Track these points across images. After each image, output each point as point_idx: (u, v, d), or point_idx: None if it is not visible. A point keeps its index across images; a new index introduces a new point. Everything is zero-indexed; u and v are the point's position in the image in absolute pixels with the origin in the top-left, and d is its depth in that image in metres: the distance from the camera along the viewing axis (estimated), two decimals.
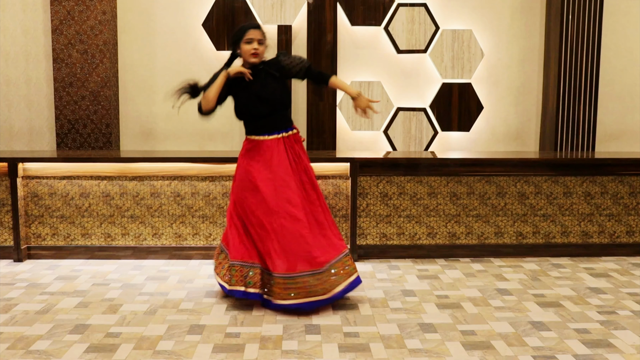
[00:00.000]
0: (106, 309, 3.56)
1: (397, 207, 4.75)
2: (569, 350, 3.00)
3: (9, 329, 3.24)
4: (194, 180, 4.66)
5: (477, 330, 3.25)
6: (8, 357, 2.87)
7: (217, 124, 6.35)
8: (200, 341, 3.09)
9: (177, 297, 3.80)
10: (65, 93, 5.92)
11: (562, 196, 4.82)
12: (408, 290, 3.96)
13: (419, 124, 6.43)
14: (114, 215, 4.68)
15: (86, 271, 4.36)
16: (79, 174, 4.62)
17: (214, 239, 4.72)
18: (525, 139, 6.55)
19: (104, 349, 2.98)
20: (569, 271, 4.43)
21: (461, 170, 4.74)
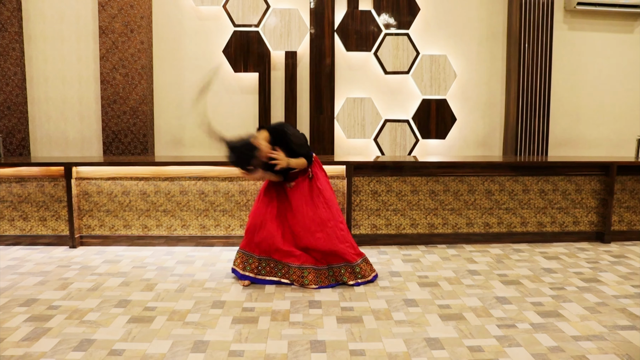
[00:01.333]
0: (144, 287, 3.57)
1: (385, 203, 4.75)
2: (526, 320, 3.00)
3: (66, 302, 3.25)
4: (215, 180, 4.66)
5: (452, 305, 3.26)
6: (66, 325, 2.89)
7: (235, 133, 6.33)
8: (222, 314, 3.10)
9: (202, 277, 3.82)
10: (110, 109, 5.93)
11: (521, 193, 4.81)
12: (394, 271, 3.97)
13: (403, 133, 6.43)
14: (149, 210, 4.68)
15: (127, 256, 4.37)
16: (121, 175, 4.63)
17: (232, 229, 4.72)
18: (491, 145, 6.55)
19: (142, 320, 2.99)
20: (527, 255, 4.43)
21: (438, 171, 4.74)
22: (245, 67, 6.16)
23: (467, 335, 2.79)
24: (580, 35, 6.42)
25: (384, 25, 6.22)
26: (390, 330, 2.87)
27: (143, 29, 5.87)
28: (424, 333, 2.83)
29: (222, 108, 6.30)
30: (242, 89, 6.28)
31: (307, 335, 2.80)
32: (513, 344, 2.68)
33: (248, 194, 4.67)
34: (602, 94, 6.53)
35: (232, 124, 6.33)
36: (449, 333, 2.83)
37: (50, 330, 2.84)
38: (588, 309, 3.18)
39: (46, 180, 4.62)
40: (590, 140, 6.58)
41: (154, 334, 2.80)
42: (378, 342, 2.71)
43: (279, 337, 2.78)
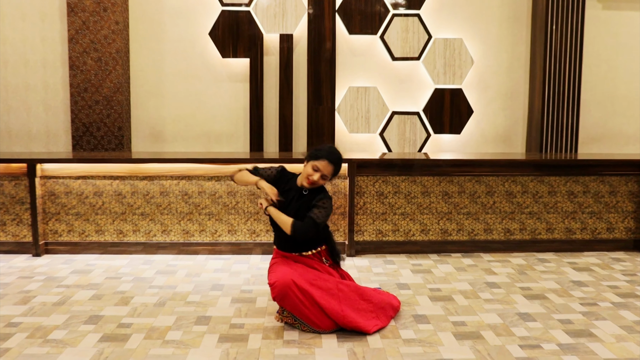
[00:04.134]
0: (118, 301, 3.55)
1: (392, 205, 4.74)
2: (553, 339, 2.99)
3: (28, 319, 3.23)
4: (200, 179, 4.65)
5: (468, 321, 3.25)
6: (27, 345, 2.87)
7: (223, 127, 6.34)
8: (207, 331, 3.09)
9: (185, 290, 3.80)
10: (80, 98, 5.91)
11: (547, 195, 4.81)
12: (402, 283, 3.96)
13: (413, 127, 6.42)
14: (125, 213, 4.67)
15: (99, 265, 4.36)
16: (93, 174, 4.61)
17: (219, 235, 4.71)
18: (512, 141, 6.54)
19: (116, 339, 2.97)
20: (553, 265, 4.43)
21: (452, 170, 4.73)
22: (234, 52, 6.15)
23: (486, 357, 2.78)
24: (615, 15, 6.42)
25: (392, 4, 6.21)
26: (397, 350, 2.85)
27: (118, 8, 5.86)
28: (436, 354, 2.81)
29: (208, 98, 6.28)
30: (230, 77, 6.27)
31: (304, 356, 2.78)
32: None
33: (237, 195, 4.66)
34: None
35: (219, 116, 6.31)
36: (464, 354, 2.81)
37: (8, 351, 2.82)
38: (625, 328, 3.17)
39: (6, 179, 4.60)
40: (627, 135, 6.58)
41: (129, 355, 2.78)
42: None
43: (271, 357, 2.77)
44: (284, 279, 2.97)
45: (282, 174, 3.31)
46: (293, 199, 3.19)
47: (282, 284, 2.96)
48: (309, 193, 3.19)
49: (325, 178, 3.12)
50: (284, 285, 2.96)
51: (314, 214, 3.08)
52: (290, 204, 3.18)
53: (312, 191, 3.20)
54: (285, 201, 3.19)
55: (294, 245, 3.23)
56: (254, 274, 4.16)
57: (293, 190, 3.23)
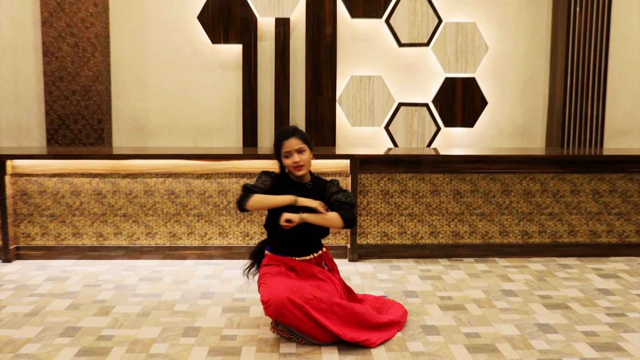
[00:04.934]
0: (98, 311, 3.54)
1: (398, 206, 4.74)
2: (576, 353, 2.98)
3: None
4: (188, 177, 4.64)
5: (482, 333, 3.24)
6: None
7: (213, 119, 6.33)
8: (195, 344, 3.08)
9: (171, 298, 3.79)
10: (55, 87, 5.90)
11: (569, 194, 4.80)
12: (410, 291, 3.95)
13: (421, 119, 6.42)
14: (106, 214, 4.66)
15: (77, 272, 4.35)
16: (69, 171, 4.60)
17: (209, 238, 4.70)
18: (531, 134, 6.54)
19: (95, 353, 2.96)
20: (576, 272, 4.42)
21: (465, 167, 4.72)
22: (225, 38, 6.14)
23: None
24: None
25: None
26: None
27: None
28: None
29: (197, 88, 6.28)
30: (222, 64, 6.26)
31: None
32: None
33: (229, 194, 4.66)
34: None
35: (208, 107, 6.31)
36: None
37: None
38: None
39: None
40: None
41: None
42: None
43: None
44: (278, 296, 2.94)
45: (275, 177, 3.29)
46: (300, 196, 3.19)
47: (277, 302, 2.93)
48: (314, 186, 3.25)
49: (304, 151, 3.16)
50: (279, 304, 2.93)
51: (344, 198, 3.16)
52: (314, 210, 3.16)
53: (315, 183, 3.26)
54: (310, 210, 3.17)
55: (292, 248, 3.22)
56: (247, 281, 4.15)
57: (294, 188, 3.24)
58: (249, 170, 4.63)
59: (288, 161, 3.18)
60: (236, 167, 4.62)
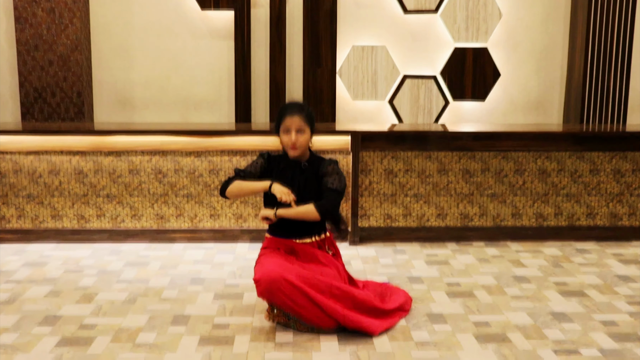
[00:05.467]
0: (80, 298, 3.56)
1: (403, 186, 4.74)
2: (594, 344, 3.01)
3: None
4: (177, 155, 4.64)
5: (492, 322, 3.26)
6: None
7: (203, 92, 6.31)
8: (185, 333, 3.09)
9: (159, 284, 3.80)
10: (30, 57, 5.86)
11: (588, 173, 4.80)
12: (415, 277, 3.97)
13: (428, 93, 6.40)
14: (87, 195, 4.66)
15: (57, 257, 4.36)
16: (47, 148, 4.59)
17: (199, 220, 4.71)
18: (547, 109, 6.53)
19: (77, 343, 2.98)
20: (594, 257, 4.44)
21: (475, 144, 4.72)
22: (215, 3, 6.09)
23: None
24: None
25: None
26: (409, 354, 2.87)
27: None
28: (454, 359, 2.83)
29: (185, 58, 6.24)
30: (212, 33, 6.22)
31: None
32: None
33: (221, 173, 4.65)
34: None
35: (198, 79, 6.28)
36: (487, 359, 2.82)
37: None
38: None
39: None
40: None
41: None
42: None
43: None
44: (271, 273, 2.96)
45: (270, 159, 3.34)
46: (295, 176, 3.23)
47: (269, 279, 2.95)
48: (310, 166, 3.25)
49: (303, 131, 3.18)
50: (271, 281, 2.95)
51: (330, 184, 3.16)
52: (293, 181, 3.22)
53: (312, 163, 3.26)
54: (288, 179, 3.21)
55: (292, 230, 3.23)
56: (240, 266, 4.17)
57: (289, 167, 3.26)
58: (242, 148, 4.62)
59: (285, 138, 3.20)
60: (228, 144, 4.61)
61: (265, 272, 2.98)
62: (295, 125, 3.16)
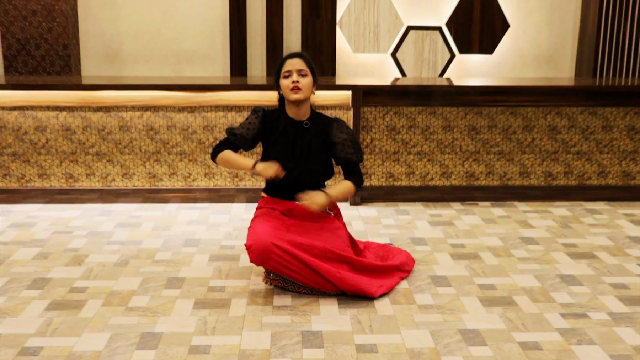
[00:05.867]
0: (69, 261, 3.56)
1: (406, 143, 4.71)
2: (603, 307, 3.01)
3: None
4: (169, 111, 4.59)
5: (498, 284, 3.27)
6: None
7: (196, 45, 6.23)
8: (180, 296, 3.10)
9: (152, 246, 3.80)
10: (11, 6, 5.76)
11: (600, 130, 4.77)
12: (418, 238, 3.97)
13: (433, 45, 6.33)
14: (76, 153, 4.63)
15: (45, 217, 4.35)
16: (32, 104, 4.54)
17: (193, 179, 4.69)
18: (558, 62, 6.46)
19: (67, 306, 2.98)
20: (605, 217, 4.43)
21: (482, 99, 4.68)
22: None
23: (519, 327, 2.80)
24: None
25: None
26: (411, 318, 2.88)
27: None
28: (458, 323, 2.84)
29: (177, 8, 6.15)
30: None
31: (298, 325, 2.80)
32: (584, 341, 2.69)
33: (215, 130, 4.62)
34: None
35: (191, 31, 6.19)
36: (492, 323, 2.83)
37: None
38: None
39: None
40: None
41: (85, 325, 2.79)
42: (395, 335, 2.72)
43: (258, 327, 2.78)
44: (261, 240, 2.94)
45: (265, 115, 3.25)
46: (296, 137, 3.16)
47: (260, 246, 2.93)
48: (312, 125, 3.20)
49: (305, 75, 3.12)
50: (263, 249, 2.93)
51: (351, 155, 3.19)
52: (295, 142, 3.16)
53: (315, 121, 3.21)
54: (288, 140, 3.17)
55: (290, 191, 3.18)
56: (236, 227, 4.17)
57: (290, 126, 3.20)
58: (238, 103, 4.57)
59: (286, 82, 3.11)
60: (223, 99, 4.57)
61: (256, 239, 2.96)
62: (297, 66, 3.11)
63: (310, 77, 3.14)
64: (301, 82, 3.09)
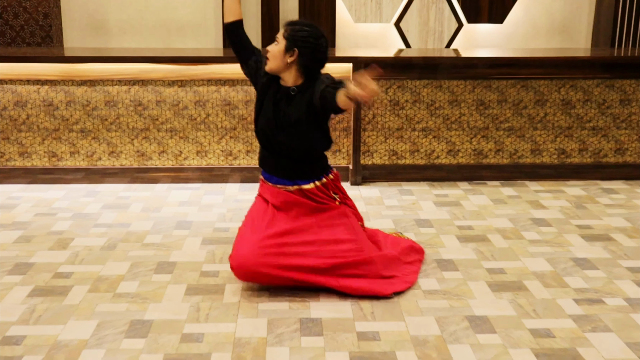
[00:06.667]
0: (53, 244, 3.56)
1: (410, 119, 4.70)
2: (619, 292, 3.02)
3: None
4: (159, 85, 4.58)
5: (507, 268, 3.27)
6: None
7: (187, 14, 6.19)
8: (171, 281, 3.10)
9: (141, 228, 3.80)
10: None
11: (617, 104, 4.76)
12: (423, 219, 3.97)
13: (439, 14, 6.30)
14: (59, 130, 4.62)
15: (27, 198, 4.34)
16: (11, 77, 4.52)
17: (185, 157, 4.68)
18: (573, 32, 6.44)
19: (52, 292, 2.99)
20: (622, 197, 4.43)
21: (491, 72, 4.66)
22: None
23: (530, 314, 2.81)
24: None
25: None
26: (416, 304, 2.89)
27: None
28: (465, 309, 2.85)
29: None
30: None
31: (296, 311, 2.81)
32: (599, 328, 2.70)
33: (207, 105, 4.60)
34: None
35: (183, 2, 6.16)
36: (502, 310, 2.84)
37: None
38: None
39: None
40: None
41: (70, 312, 2.80)
42: (398, 322, 2.73)
43: (254, 313, 2.79)
44: (245, 265, 2.88)
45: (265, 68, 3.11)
46: (279, 101, 3.03)
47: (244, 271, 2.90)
48: (299, 93, 3.00)
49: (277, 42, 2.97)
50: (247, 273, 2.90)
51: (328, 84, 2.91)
52: (277, 107, 3.02)
53: (303, 88, 3.00)
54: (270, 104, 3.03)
55: (287, 171, 3.08)
56: (230, 208, 4.17)
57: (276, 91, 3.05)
58: (231, 77, 4.55)
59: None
60: (216, 72, 4.55)
61: (239, 262, 2.89)
62: (276, 36, 3.01)
63: (281, 44, 2.96)
64: (270, 52, 2.98)
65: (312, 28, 3.01)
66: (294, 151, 3.04)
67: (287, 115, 3.00)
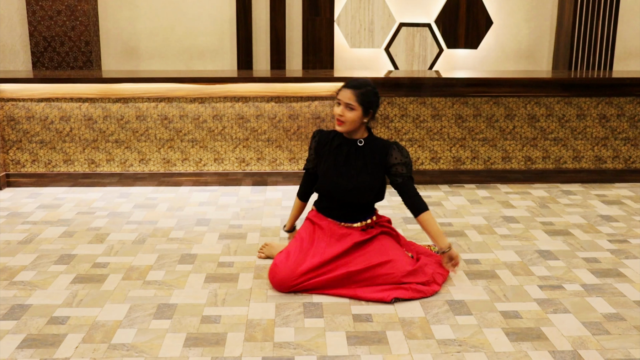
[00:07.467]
0: (92, 239, 3.56)
1: (398, 130, 4.69)
2: (577, 279, 3.01)
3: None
4: (182, 101, 4.57)
5: (482, 259, 3.27)
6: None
7: (206, 41, 6.18)
8: (192, 271, 3.10)
9: (167, 225, 3.80)
10: (38, 7, 5.71)
11: (575, 119, 4.75)
12: (410, 217, 3.96)
13: (423, 40, 6.28)
14: (97, 140, 4.61)
15: (69, 199, 4.34)
16: (58, 95, 4.51)
17: (204, 164, 4.67)
18: (537, 57, 6.41)
19: (91, 280, 2.99)
20: (579, 198, 4.42)
21: (467, 90, 4.64)
22: None
23: (501, 298, 2.81)
24: None
25: None
26: None
27: None
28: (445, 295, 2.84)
29: (189, 8, 6.09)
30: None
31: (300, 297, 2.81)
32: (559, 310, 2.70)
33: (224, 119, 4.59)
34: None
35: (201, 29, 6.14)
36: (477, 295, 2.84)
37: None
38: None
39: None
40: None
41: (107, 297, 2.80)
42: (388, 305, 2.73)
43: (264, 299, 2.79)
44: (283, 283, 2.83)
45: (321, 138, 3.06)
46: (350, 154, 2.95)
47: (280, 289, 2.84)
48: (365, 145, 2.95)
49: (353, 109, 2.86)
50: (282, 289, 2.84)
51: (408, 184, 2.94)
52: (348, 160, 2.95)
53: (369, 142, 2.96)
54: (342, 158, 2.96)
55: (339, 209, 2.99)
56: (243, 207, 4.16)
57: (345, 145, 2.98)
58: (244, 94, 4.55)
59: (335, 110, 2.91)
60: (231, 90, 4.54)
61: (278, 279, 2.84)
62: (345, 99, 2.87)
63: (357, 111, 2.87)
64: (345, 116, 2.87)
65: (372, 86, 2.94)
66: (354, 201, 2.97)
67: (361, 166, 2.93)
